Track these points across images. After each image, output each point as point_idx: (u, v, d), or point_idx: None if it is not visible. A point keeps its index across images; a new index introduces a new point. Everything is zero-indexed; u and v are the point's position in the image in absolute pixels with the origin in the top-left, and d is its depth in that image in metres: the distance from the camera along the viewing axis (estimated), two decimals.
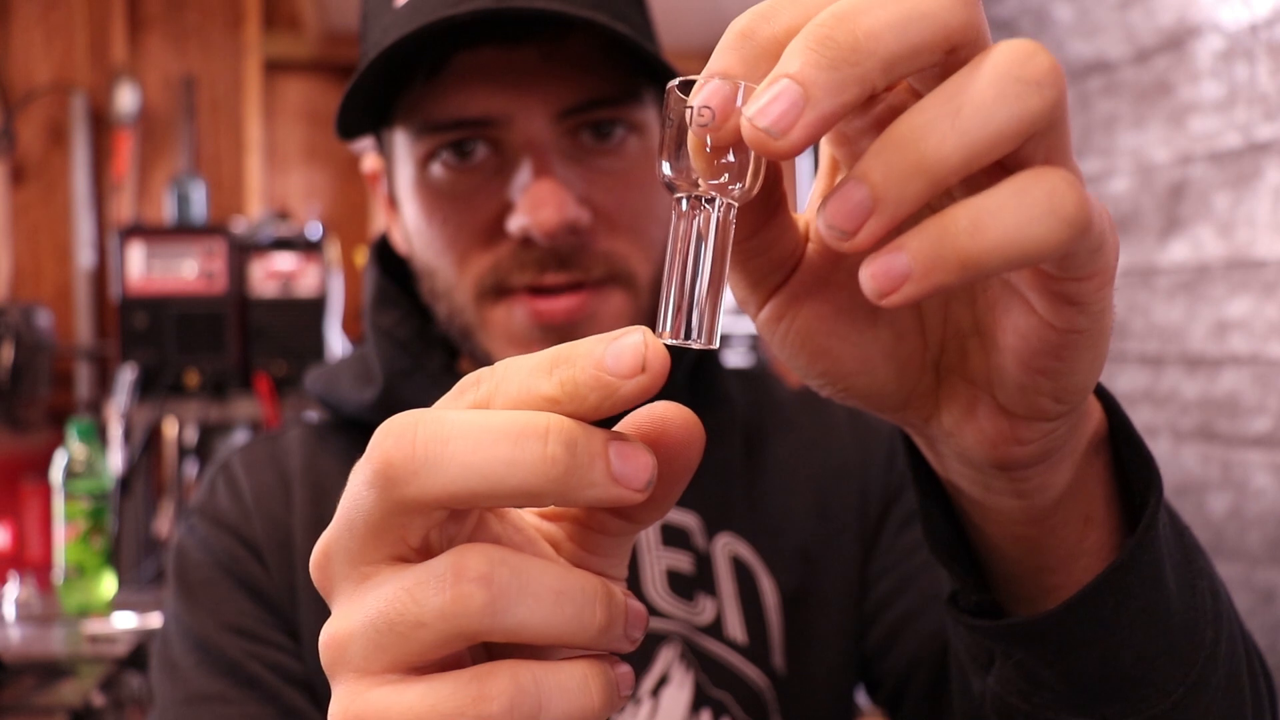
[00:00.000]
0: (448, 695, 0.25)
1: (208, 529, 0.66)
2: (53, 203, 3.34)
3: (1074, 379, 0.31)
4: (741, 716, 0.63)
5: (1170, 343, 1.68)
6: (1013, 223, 0.24)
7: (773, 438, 0.72)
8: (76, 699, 1.31)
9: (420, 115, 0.61)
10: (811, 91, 0.24)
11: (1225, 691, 0.40)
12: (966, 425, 0.34)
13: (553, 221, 0.58)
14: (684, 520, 0.67)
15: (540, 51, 0.59)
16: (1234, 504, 1.57)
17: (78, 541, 1.67)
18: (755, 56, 0.26)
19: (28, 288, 3.33)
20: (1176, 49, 1.64)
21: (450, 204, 0.62)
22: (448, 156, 0.61)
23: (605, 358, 0.25)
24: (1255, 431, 1.54)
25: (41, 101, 3.32)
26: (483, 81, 0.59)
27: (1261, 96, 1.51)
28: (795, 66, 0.25)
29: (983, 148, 0.25)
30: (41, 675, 1.37)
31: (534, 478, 0.24)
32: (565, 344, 0.26)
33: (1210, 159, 1.60)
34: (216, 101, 3.54)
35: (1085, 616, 0.36)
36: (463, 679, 0.25)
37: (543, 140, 0.60)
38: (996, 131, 0.25)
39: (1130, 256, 1.76)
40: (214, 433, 2.67)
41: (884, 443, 0.73)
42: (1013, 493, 0.36)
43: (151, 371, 2.55)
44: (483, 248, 0.62)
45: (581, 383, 0.25)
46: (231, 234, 2.69)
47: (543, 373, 0.26)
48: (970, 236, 0.24)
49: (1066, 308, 0.29)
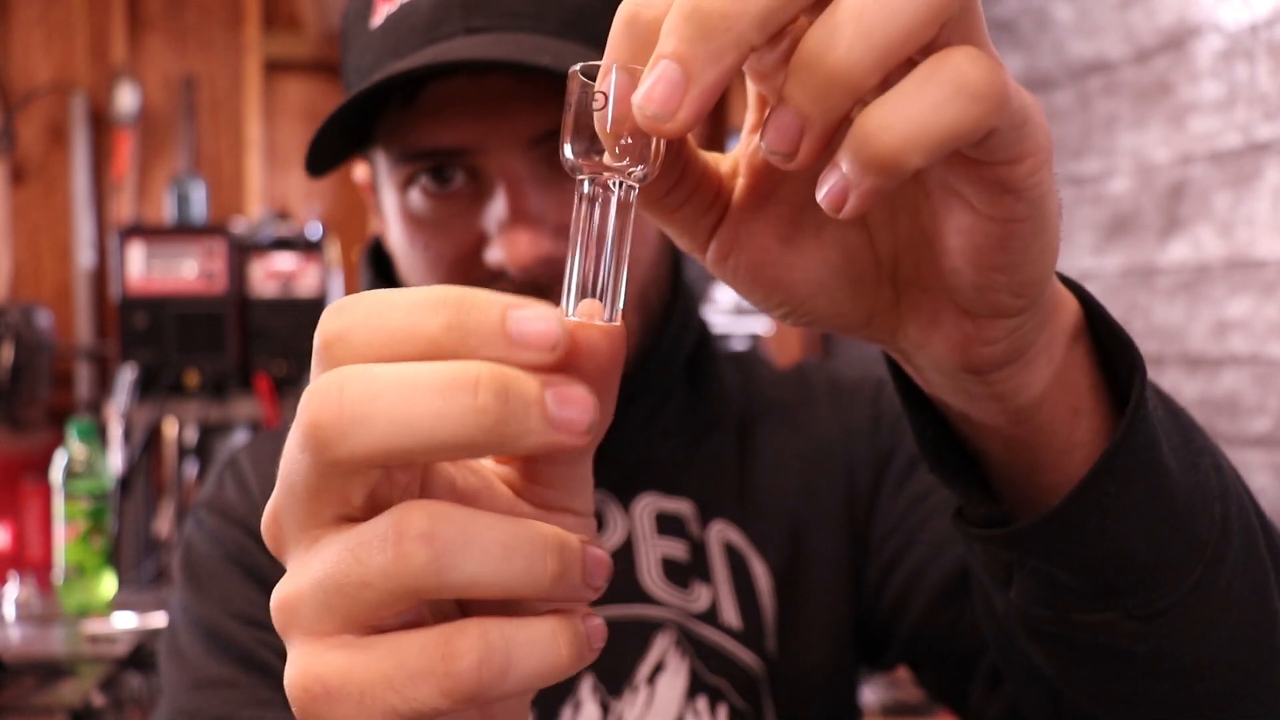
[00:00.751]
0: (415, 653, 0.25)
1: (216, 522, 0.67)
2: (53, 203, 3.34)
3: (1026, 270, 0.31)
4: (737, 701, 0.64)
5: (1170, 343, 1.68)
6: (921, 110, 0.25)
7: (760, 421, 0.73)
8: (76, 699, 1.31)
9: (398, 143, 0.62)
10: (690, 67, 0.25)
11: (1244, 564, 0.40)
12: (932, 334, 0.34)
13: (526, 257, 0.59)
14: (679, 508, 0.68)
15: (513, 79, 0.59)
16: None
17: (78, 541, 1.67)
18: (641, 42, 0.27)
19: (28, 288, 3.33)
20: (1177, 49, 1.64)
21: (430, 231, 0.63)
22: (426, 182, 0.62)
23: (505, 318, 0.25)
24: (1255, 431, 1.54)
25: (41, 101, 3.32)
26: (456, 111, 0.60)
27: (1261, 96, 1.51)
28: (670, 46, 0.25)
29: (892, 47, 0.25)
30: (41, 675, 1.37)
31: (466, 430, 0.24)
32: (453, 288, 0.25)
33: (1210, 159, 1.60)
34: (216, 101, 3.54)
35: (1088, 506, 0.36)
36: (430, 636, 0.25)
37: (517, 170, 0.60)
38: (902, 29, 0.25)
39: (1130, 256, 1.76)
40: (214, 433, 2.67)
41: (865, 408, 0.73)
42: (992, 396, 0.36)
43: (151, 371, 2.55)
44: (462, 275, 0.63)
45: (470, 330, 0.25)
46: (231, 234, 2.69)
47: (422, 309, 0.25)
48: (886, 133, 0.25)
49: (1004, 196, 0.29)
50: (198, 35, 3.50)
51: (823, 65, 0.25)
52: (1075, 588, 0.39)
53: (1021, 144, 0.28)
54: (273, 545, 0.28)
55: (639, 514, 0.67)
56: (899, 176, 0.25)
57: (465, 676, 0.24)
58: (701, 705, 0.63)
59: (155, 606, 1.67)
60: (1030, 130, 0.28)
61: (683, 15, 0.25)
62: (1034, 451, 0.38)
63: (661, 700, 0.63)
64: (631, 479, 0.68)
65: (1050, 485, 0.38)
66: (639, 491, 0.68)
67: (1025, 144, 0.28)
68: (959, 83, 0.25)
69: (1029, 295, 0.32)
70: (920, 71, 0.25)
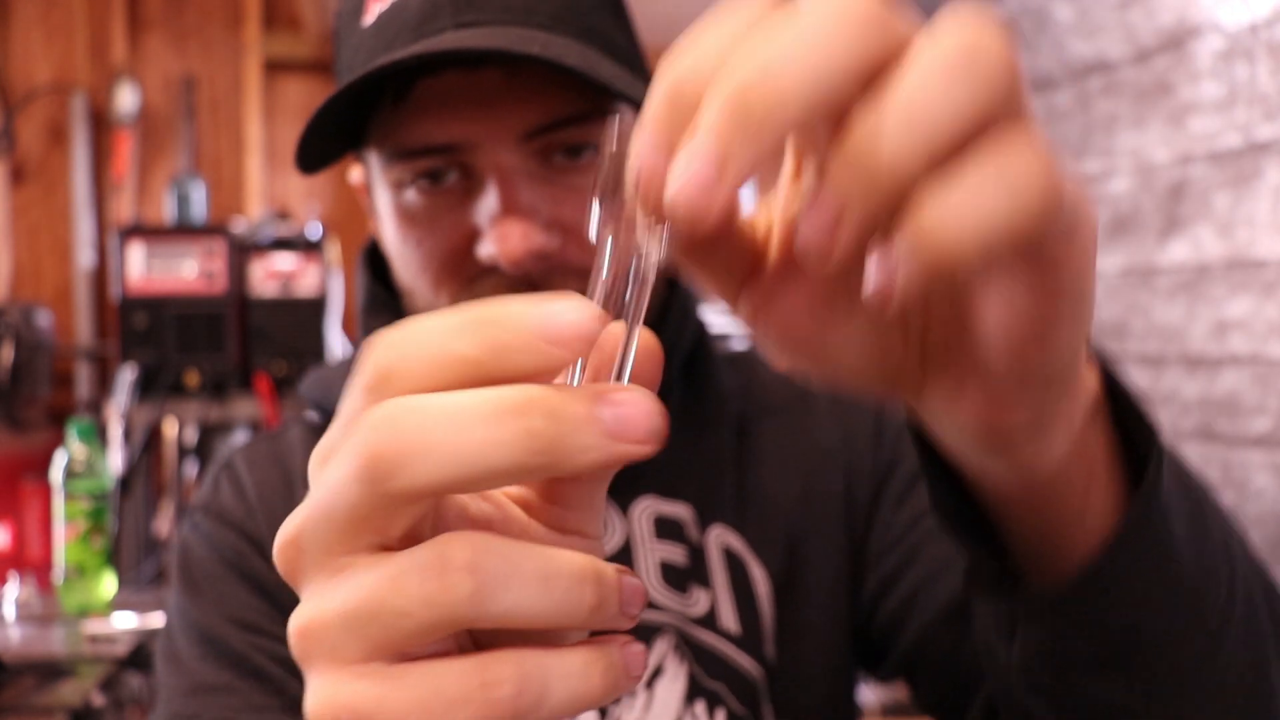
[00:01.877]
0: (452, 681, 0.24)
1: (211, 525, 0.67)
2: (53, 203, 3.34)
3: (1061, 344, 0.31)
4: (736, 706, 0.64)
5: (1170, 343, 1.68)
6: (985, 208, 0.24)
7: (760, 424, 0.72)
8: (76, 699, 1.31)
9: (390, 141, 0.62)
10: (727, 166, 0.24)
11: (1246, 637, 0.40)
12: (954, 402, 0.34)
13: (518, 251, 0.59)
14: (677, 512, 0.67)
15: (504, 73, 0.59)
16: (1234, 504, 1.57)
17: (78, 541, 1.67)
18: (680, 120, 0.26)
19: (28, 288, 3.33)
20: (1177, 49, 1.64)
21: (423, 228, 0.63)
22: (421, 182, 0.62)
23: (539, 322, 0.24)
24: (1255, 432, 1.54)
25: (41, 101, 3.32)
26: (447, 108, 0.60)
27: (1261, 96, 1.51)
28: (708, 145, 0.24)
29: (939, 148, 0.24)
30: (41, 675, 1.37)
31: (521, 454, 0.24)
32: (483, 304, 0.25)
33: (1210, 159, 1.60)
34: (216, 101, 3.54)
35: (1097, 586, 0.36)
36: (467, 665, 0.25)
37: (509, 165, 0.60)
38: (951, 131, 0.24)
39: (1130, 256, 1.76)
40: (214, 433, 2.67)
41: (868, 420, 0.72)
42: (1009, 464, 0.35)
43: (151, 372, 2.55)
44: (454, 273, 0.62)
45: (508, 344, 0.24)
46: (231, 234, 2.69)
47: (459, 333, 0.25)
48: (948, 233, 0.24)
49: (1047, 273, 0.28)
50: (198, 35, 3.50)
51: (872, 160, 0.24)
52: (1078, 654, 0.39)
53: (1075, 224, 0.27)
54: (286, 568, 0.28)
55: (637, 518, 0.67)
56: (958, 277, 0.24)
57: (503, 704, 0.24)
58: (700, 710, 0.63)
59: (155, 606, 1.67)
60: (1080, 233, 0.27)
61: (726, 107, 0.24)
62: (1046, 516, 0.38)
63: (660, 704, 0.62)
64: (629, 481, 0.68)
65: (1060, 549, 0.38)
66: (637, 495, 0.67)
67: (1074, 245, 0.27)
68: (1022, 179, 0.24)
69: (1058, 373, 0.32)
70: (981, 165, 0.24)
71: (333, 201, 3.86)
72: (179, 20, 3.49)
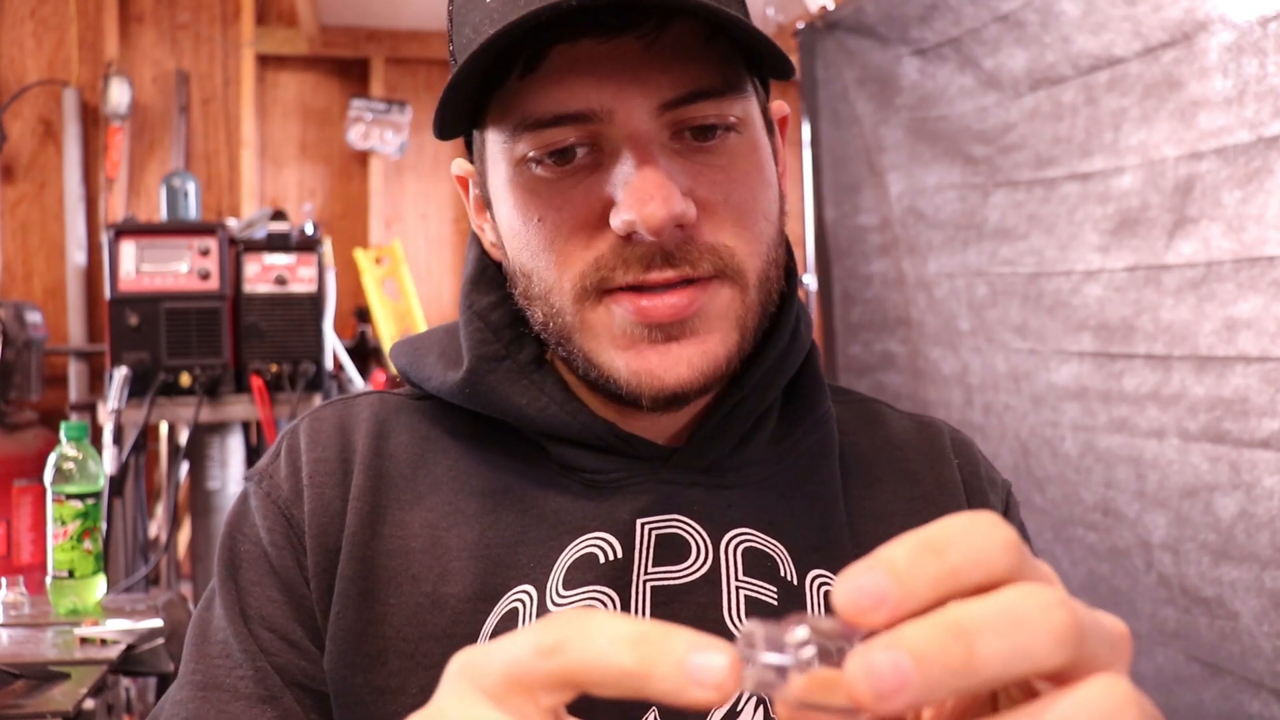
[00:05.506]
0: None
1: (261, 501, 0.67)
2: (43, 200, 3.31)
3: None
4: None
5: (1178, 342, 1.66)
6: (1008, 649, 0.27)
7: (888, 481, 0.70)
8: (68, 704, 1.29)
9: (517, 112, 0.59)
10: (926, 684, 0.26)
11: None
12: None
13: (659, 215, 0.55)
14: (771, 549, 0.64)
15: (641, 41, 0.56)
16: (1243, 505, 1.55)
17: (69, 544, 1.64)
18: (900, 609, 0.28)
19: (18, 287, 3.29)
20: (1185, 43, 1.62)
21: (548, 202, 0.60)
22: (547, 160, 0.59)
23: (688, 663, 0.28)
24: (1265, 432, 1.52)
25: (32, 97, 3.28)
26: (582, 75, 0.57)
27: (1272, 91, 1.49)
28: (913, 672, 0.26)
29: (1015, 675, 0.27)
30: (32, 680, 1.34)
31: None
32: (654, 625, 0.29)
33: (1219, 155, 1.58)
34: (209, 97, 3.51)
35: None
36: None
37: (645, 133, 0.57)
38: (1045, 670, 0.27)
39: (1138, 254, 1.74)
40: (207, 434, 2.64)
41: (997, 508, 0.72)
42: None
43: (144, 371, 2.52)
44: (583, 246, 0.59)
45: (659, 670, 0.28)
46: (225, 231, 2.66)
47: (626, 646, 0.29)
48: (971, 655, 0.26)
49: None
50: (190, 30, 3.47)
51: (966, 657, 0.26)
52: None
53: (1114, 654, 0.29)
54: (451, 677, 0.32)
55: (727, 549, 0.64)
56: (956, 694, 0.27)
57: None
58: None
59: (148, 610, 1.64)
60: (1120, 643, 0.30)
61: (948, 634, 0.27)
62: None
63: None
64: (721, 511, 0.65)
65: None
66: (730, 526, 0.64)
67: (1116, 654, 0.29)
68: None
69: None
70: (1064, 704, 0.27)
71: (327, 198, 3.82)
72: (171, 15, 3.45)
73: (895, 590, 0.27)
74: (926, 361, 2.38)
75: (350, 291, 3.52)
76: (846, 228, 2.70)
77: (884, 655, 0.26)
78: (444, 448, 0.68)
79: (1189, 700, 1.64)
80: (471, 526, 0.64)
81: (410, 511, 0.65)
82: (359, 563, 0.63)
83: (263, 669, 0.62)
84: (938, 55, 2.21)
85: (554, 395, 0.65)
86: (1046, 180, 1.92)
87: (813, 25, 2.75)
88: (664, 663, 0.28)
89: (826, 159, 2.76)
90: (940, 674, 0.26)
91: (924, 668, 0.26)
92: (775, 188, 0.64)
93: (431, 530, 0.64)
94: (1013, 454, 2.06)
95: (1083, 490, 1.87)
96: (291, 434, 0.71)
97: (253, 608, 0.64)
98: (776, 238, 0.64)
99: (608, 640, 0.29)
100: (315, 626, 0.64)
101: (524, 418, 0.65)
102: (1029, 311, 1.99)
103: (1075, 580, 1.89)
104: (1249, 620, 1.51)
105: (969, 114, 2.13)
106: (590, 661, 0.29)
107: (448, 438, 0.68)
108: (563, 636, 0.29)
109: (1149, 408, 1.71)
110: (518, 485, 0.65)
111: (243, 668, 0.62)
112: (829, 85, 2.71)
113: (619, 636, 0.29)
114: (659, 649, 0.28)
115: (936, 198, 2.28)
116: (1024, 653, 0.27)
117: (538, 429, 0.65)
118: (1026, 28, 1.90)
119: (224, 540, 0.68)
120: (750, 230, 0.61)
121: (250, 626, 0.64)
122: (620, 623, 0.29)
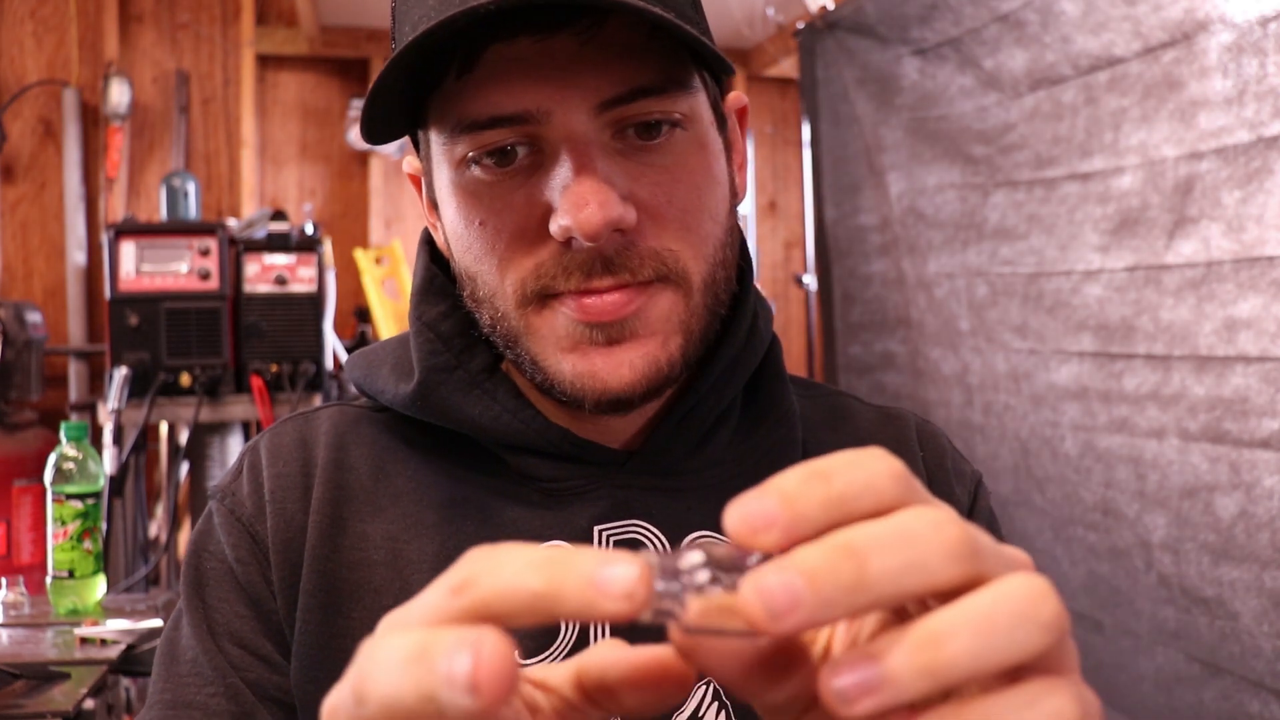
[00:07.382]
0: None
1: (225, 518, 0.67)
2: (43, 200, 3.31)
3: None
4: None
5: (1178, 342, 1.66)
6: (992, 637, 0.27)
7: None
8: (68, 704, 1.29)
9: (455, 113, 0.58)
10: (818, 601, 0.26)
11: None
12: None
13: (595, 221, 0.55)
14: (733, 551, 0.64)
15: (578, 39, 0.55)
16: (1243, 505, 1.55)
17: (69, 544, 1.64)
18: (798, 528, 0.28)
19: (18, 287, 3.29)
20: (1185, 43, 1.62)
21: (489, 205, 0.59)
22: (486, 161, 0.58)
23: (596, 575, 0.27)
24: (1265, 432, 1.52)
25: (32, 97, 3.28)
26: (519, 75, 0.56)
27: (1272, 91, 1.49)
28: (805, 591, 0.26)
29: (990, 666, 0.27)
30: (32, 680, 1.34)
31: None
32: (561, 549, 0.29)
33: (1219, 155, 1.58)
34: (209, 97, 3.51)
35: None
36: None
37: (583, 135, 0.56)
38: (1003, 656, 0.27)
39: (1138, 254, 1.74)
40: (207, 433, 2.64)
41: (964, 499, 0.71)
42: None
43: (144, 371, 2.51)
44: (524, 253, 0.59)
45: (567, 587, 0.28)
46: (225, 231, 2.66)
47: (533, 570, 0.28)
48: (951, 648, 0.26)
49: None
50: (190, 30, 3.46)
51: (936, 653, 0.26)
52: None
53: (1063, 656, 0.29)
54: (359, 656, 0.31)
55: None
56: (940, 690, 0.27)
57: None
58: None
59: (148, 610, 1.64)
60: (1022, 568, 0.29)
61: (838, 552, 0.27)
62: None
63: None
64: (680, 514, 0.64)
65: None
66: (689, 529, 0.64)
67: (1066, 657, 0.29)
68: None
69: None
70: (1028, 693, 0.27)
71: (328, 198, 3.82)
72: (171, 15, 3.45)
73: (785, 512, 0.28)
74: (926, 361, 2.38)
75: (350, 291, 3.52)
76: (846, 228, 2.70)
77: (776, 576, 0.26)
78: (403, 458, 0.67)
79: (1189, 700, 1.64)
80: (432, 538, 0.63)
81: (371, 523, 0.65)
82: (321, 576, 0.63)
83: (234, 685, 0.62)
84: (938, 55, 2.21)
85: (506, 404, 0.64)
86: (1046, 180, 1.91)
87: (813, 25, 2.75)
88: (572, 579, 0.27)
89: (826, 159, 2.76)
90: (833, 592, 0.26)
91: (816, 586, 0.26)
92: (725, 184, 0.63)
93: (392, 543, 0.64)
94: (1013, 454, 2.06)
95: (1083, 490, 1.87)
96: (253, 450, 0.70)
97: (220, 624, 0.64)
98: (724, 238, 0.62)
99: (516, 568, 0.28)
100: (284, 641, 0.64)
101: (478, 427, 0.64)
102: (1029, 311, 1.99)
103: (1075, 580, 1.89)
104: (1249, 620, 1.51)
105: (969, 114, 2.13)
106: (500, 590, 0.28)
107: (407, 449, 0.68)
108: (472, 572, 0.29)
109: (1149, 408, 1.71)
110: (477, 495, 0.65)
111: (214, 685, 0.62)
112: (829, 85, 2.71)
113: (526, 563, 0.28)
114: (566, 568, 0.28)
115: (936, 198, 2.28)
116: (917, 568, 0.27)
117: (492, 439, 0.64)
118: (1026, 28, 1.90)
119: (189, 559, 0.67)
120: (695, 233, 0.60)
121: (219, 643, 0.63)
122: (527, 550, 0.29)
